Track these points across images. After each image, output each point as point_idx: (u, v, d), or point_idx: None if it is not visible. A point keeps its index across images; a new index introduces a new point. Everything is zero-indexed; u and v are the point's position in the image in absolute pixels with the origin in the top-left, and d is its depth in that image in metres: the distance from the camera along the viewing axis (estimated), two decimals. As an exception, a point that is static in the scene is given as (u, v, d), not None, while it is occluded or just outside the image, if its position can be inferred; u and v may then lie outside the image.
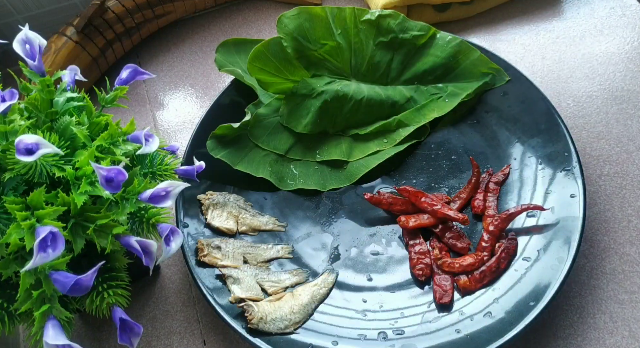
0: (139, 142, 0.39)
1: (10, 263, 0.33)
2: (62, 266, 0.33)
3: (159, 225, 0.37)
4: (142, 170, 0.41)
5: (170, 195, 0.36)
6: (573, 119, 0.56)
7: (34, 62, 0.38)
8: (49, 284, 0.33)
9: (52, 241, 0.31)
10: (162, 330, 0.49)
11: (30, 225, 0.31)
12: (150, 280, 0.52)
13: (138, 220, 0.38)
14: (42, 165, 0.34)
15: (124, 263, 0.39)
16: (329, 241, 0.51)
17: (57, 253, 0.31)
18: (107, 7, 0.64)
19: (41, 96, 0.38)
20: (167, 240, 0.36)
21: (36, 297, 0.33)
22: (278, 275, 0.48)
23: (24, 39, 0.38)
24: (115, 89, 0.42)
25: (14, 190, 0.35)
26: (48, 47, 0.61)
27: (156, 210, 0.38)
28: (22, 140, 0.32)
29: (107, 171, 0.33)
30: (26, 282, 0.32)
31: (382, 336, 0.44)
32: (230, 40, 0.59)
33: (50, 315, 0.34)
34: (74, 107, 0.39)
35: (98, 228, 0.35)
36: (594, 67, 0.60)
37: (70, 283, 0.32)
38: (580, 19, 0.64)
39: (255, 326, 0.43)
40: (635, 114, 0.56)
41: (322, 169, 0.54)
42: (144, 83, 0.68)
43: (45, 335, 0.32)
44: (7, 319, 0.35)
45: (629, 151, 0.53)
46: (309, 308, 0.46)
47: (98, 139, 0.37)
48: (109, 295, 0.37)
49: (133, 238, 0.35)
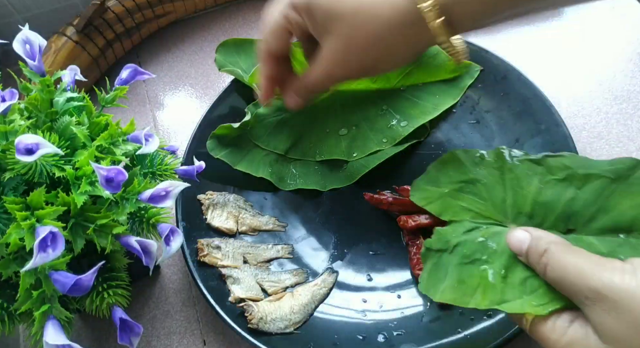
0: (139, 142, 0.39)
1: (10, 263, 0.33)
2: (62, 266, 0.33)
3: (158, 225, 0.37)
4: (142, 170, 0.41)
5: (171, 195, 0.36)
6: (573, 118, 0.56)
7: (34, 62, 0.38)
8: (49, 284, 0.33)
9: (52, 241, 0.31)
10: (162, 330, 0.49)
11: (30, 225, 0.31)
12: (150, 280, 0.52)
13: (138, 220, 0.38)
14: (42, 165, 0.34)
15: (123, 263, 0.39)
16: (329, 241, 0.51)
17: (57, 253, 0.31)
18: (107, 7, 0.64)
19: (41, 96, 0.38)
20: (167, 240, 0.37)
21: (36, 297, 0.33)
22: (278, 275, 0.48)
23: (24, 39, 0.38)
24: (115, 89, 0.42)
25: (14, 190, 0.35)
26: (48, 47, 0.61)
27: (156, 210, 0.38)
28: (22, 140, 0.32)
29: (107, 171, 0.33)
30: (26, 282, 0.33)
31: (382, 336, 0.44)
32: (230, 40, 0.59)
33: (50, 315, 0.34)
34: (74, 107, 0.39)
35: (98, 228, 0.35)
36: (594, 67, 0.60)
37: (70, 283, 0.32)
38: (580, 19, 0.64)
39: (255, 326, 0.43)
40: (635, 114, 0.56)
41: (322, 169, 0.54)
42: (144, 83, 0.67)
43: (45, 335, 0.32)
44: (7, 319, 0.35)
45: (629, 151, 0.53)
46: (309, 308, 0.46)
47: (98, 139, 0.37)
48: (109, 295, 0.37)
49: (133, 238, 0.35)
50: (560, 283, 0.31)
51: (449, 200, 0.41)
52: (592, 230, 0.37)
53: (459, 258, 0.38)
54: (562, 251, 0.31)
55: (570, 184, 0.38)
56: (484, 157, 0.42)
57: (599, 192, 0.37)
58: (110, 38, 0.65)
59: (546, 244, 0.32)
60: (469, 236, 0.39)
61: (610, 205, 0.37)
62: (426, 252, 0.39)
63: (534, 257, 0.33)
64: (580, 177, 0.38)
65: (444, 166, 0.43)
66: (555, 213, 0.38)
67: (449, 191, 0.41)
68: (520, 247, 0.34)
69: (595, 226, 0.37)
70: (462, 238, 0.39)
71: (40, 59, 0.38)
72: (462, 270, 0.38)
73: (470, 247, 0.38)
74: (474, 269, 0.37)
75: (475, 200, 0.40)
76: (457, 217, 0.40)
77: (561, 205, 0.38)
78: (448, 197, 0.41)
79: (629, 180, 0.37)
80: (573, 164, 0.39)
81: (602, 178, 0.38)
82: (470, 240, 0.39)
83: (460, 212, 0.40)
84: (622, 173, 0.37)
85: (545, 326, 0.31)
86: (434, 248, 0.39)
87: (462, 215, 0.40)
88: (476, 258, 0.38)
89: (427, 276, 0.39)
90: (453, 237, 0.39)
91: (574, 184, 0.38)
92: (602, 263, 0.29)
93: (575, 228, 0.37)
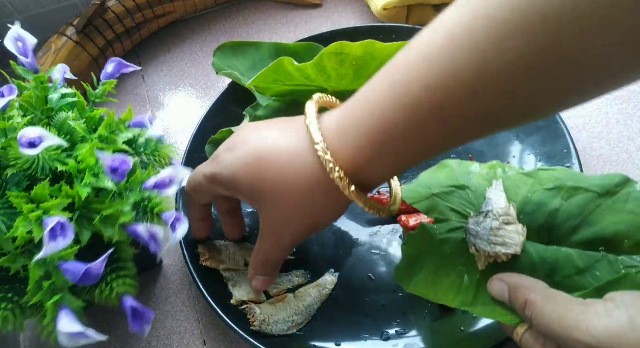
0: (142, 127, 0.40)
1: (17, 257, 0.34)
2: (70, 257, 0.33)
3: (163, 213, 0.38)
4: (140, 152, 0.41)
5: (175, 181, 0.37)
6: (573, 118, 0.56)
7: (27, 59, 0.38)
8: (58, 275, 0.34)
9: (61, 230, 0.31)
10: (162, 330, 0.49)
11: (37, 217, 0.32)
12: (151, 280, 0.52)
13: (142, 210, 0.38)
14: (44, 159, 0.34)
15: (130, 253, 0.39)
16: (329, 241, 0.51)
17: (67, 241, 0.31)
18: (107, 7, 0.64)
19: (36, 93, 0.38)
20: (172, 227, 0.37)
21: (47, 288, 0.34)
22: (280, 277, 0.48)
23: (16, 37, 0.38)
24: (103, 84, 0.42)
25: (17, 186, 0.35)
26: (48, 47, 0.61)
27: (159, 200, 0.38)
28: (24, 133, 0.32)
29: (112, 160, 0.34)
30: (36, 274, 0.33)
31: (384, 335, 0.44)
32: (228, 43, 0.58)
33: (62, 305, 0.34)
34: (67, 103, 0.40)
35: (104, 219, 0.35)
36: (594, 67, 0.60)
37: (81, 272, 0.32)
38: (580, 19, 0.64)
39: (258, 328, 0.43)
40: (635, 114, 0.56)
41: (322, 169, 0.54)
42: (144, 83, 0.67)
43: (60, 324, 0.33)
44: (19, 312, 0.36)
45: (629, 151, 0.53)
46: (311, 309, 0.46)
47: (100, 128, 0.38)
48: (118, 285, 0.37)
49: (139, 226, 0.36)
50: (548, 334, 0.31)
51: (437, 200, 0.41)
52: (573, 243, 0.37)
53: (438, 255, 0.39)
54: (542, 301, 0.31)
55: (557, 195, 0.39)
56: (477, 169, 0.43)
57: (584, 206, 0.37)
58: (110, 38, 0.65)
59: (524, 295, 0.32)
60: (452, 235, 0.39)
61: (593, 220, 0.37)
62: (408, 243, 0.40)
63: (517, 308, 0.33)
64: (568, 189, 0.39)
65: (436, 173, 0.43)
66: (539, 222, 0.38)
67: (438, 192, 0.42)
68: (503, 296, 0.35)
69: (576, 239, 0.37)
70: (445, 236, 0.39)
71: (33, 56, 0.39)
72: (439, 267, 0.38)
73: (452, 246, 0.39)
74: (451, 268, 0.38)
75: (463, 202, 0.41)
76: (443, 216, 0.40)
77: (545, 215, 0.38)
78: (436, 197, 0.41)
79: (615, 196, 0.37)
80: (564, 176, 0.39)
81: (589, 192, 0.38)
82: (453, 239, 0.39)
83: (447, 212, 0.41)
84: (610, 188, 0.37)
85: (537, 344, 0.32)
86: (417, 241, 0.40)
87: (448, 214, 0.41)
88: (455, 259, 0.38)
89: (404, 267, 0.40)
90: (437, 234, 0.40)
91: (561, 195, 0.39)
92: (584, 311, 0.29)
93: (556, 239, 0.38)
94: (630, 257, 0.35)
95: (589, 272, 0.35)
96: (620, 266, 0.35)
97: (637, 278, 0.34)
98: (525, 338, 0.33)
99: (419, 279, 0.39)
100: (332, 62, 0.48)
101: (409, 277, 0.39)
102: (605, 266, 0.35)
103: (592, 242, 0.36)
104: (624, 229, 0.36)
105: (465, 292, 0.37)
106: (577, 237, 0.37)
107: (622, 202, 0.37)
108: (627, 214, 0.36)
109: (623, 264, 0.35)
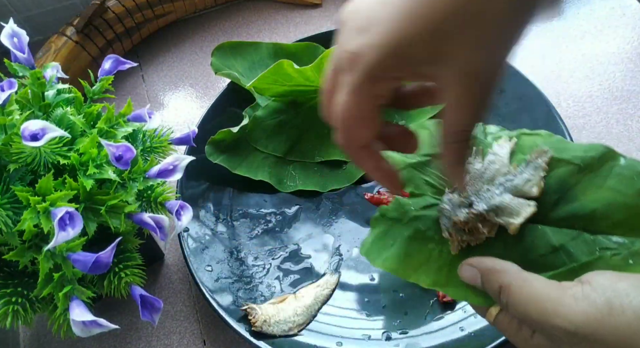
0: (141, 120, 0.40)
1: (25, 251, 0.34)
2: (78, 248, 0.34)
3: (167, 202, 0.38)
4: (138, 147, 0.42)
5: (178, 168, 0.37)
6: (573, 119, 0.56)
7: (24, 55, 0.38)
8: (68, 266, 0.34)
9: (69, 220, 0.32)
10: (162, 330, 0.49)
11: (45, 208, 0.32)
12: (151, 280, 0.52)
13: (146, 200, 0.38)
14: (47, 153, 0.35)
15: (136, 243, 0.40)
16: (330, 242, 0.51)
17: (76, 230, 0.31)
18: (107, 7, 0.64)
19: (33, 89, 0.38)
20: (177, 215, 0.37)
21: (57, 279, 0.34)
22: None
23: (11, 33, 0.39)
24: (100, 80, 0.42)
25: (21, 181, 0.35)
26: (48, 46, 0.61)
27: (162, 189, 0.38)
28: (27, 126, 0.32)
29: (117, 148, 0.34)
30: (45, 266, 0.33)
31: (386, 336, 0.44)
32: (227, 43, 0.58)
33: (73, 296, 0.34)
34: (64, 99, 0.40)
35: (109, 210, 0.35)
36: (594, 67, 0.60)
37: (91, 262, 0.32)
38: (580, 19, 0.64)
39: (259, 329, 0.43)
40: (635, 114, 0.56)
41: (321, 170, 0.54)
42: (144, 83, 0.67)
43: (73, 313, 0.33)
44: (29, 306, 0.36)
45: (629, 151, 0.53)
46: (312, 310, 0.46)
47: (99, 122, 0.38)
48: (126, 275, 0.37)
49: (145, 215, 0.36)
50: (525, 321, 0.30)
51: (413, 171, 0.39)
52: (550, 220, 0.34)
53: (411, 232, 0.36)
54: (518, 286, 0.30)
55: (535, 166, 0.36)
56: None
57: (564, 181, 0.35)
58: (110, 38, 0.65)
59: (498, 280, 0.31)
60: (427, 212, 0.37)
61: (572, 196, 0.34)
62: (379, 218, 0.38)
63: (492, 294, 0.32)
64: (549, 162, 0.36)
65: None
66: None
67: (416, 162, 0.39)
68: (475, 281, 0.33)
69: (554, 215, 0.34)
70: (420, 213, 0.37)
71: (29, 52, 0.39)
72: (412, 244, 0.36)
73: (426, 223, 0.37)
74: (424, 246, 0.36)
75: (439, 175, 0.38)
76: (419, 191, 0.38)
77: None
78: (413, 168, 0.39)
79: (596, 171, 0.34)
80: (546, 144, 0.36)
81: (570, 165, 0.35)
82: (428, 216, 0.37)
83: (423, 186, 0.38)
84: (592, 162, 0.34)
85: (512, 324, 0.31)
86: (389, 216, 0.37)
87: (424, 189, 0.38)
88: (429, 236, 0.36)
89: (372, 241, 0.37)
90: (411, 210, 0.37)
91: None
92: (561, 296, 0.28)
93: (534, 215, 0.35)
94: (607, 237, 0.33)
95: (563, 249, 0.33)
96: (596, 248, 0.33)
97: (611, 262, 0.32)
98: (499, 319, 0.32)
99: (390, 256, 0.36)
100: None
101: (379, 252, 0.36)
102: (580, 244, 0.33)
103: (570, 219, 0.34)
104: (603, 207, 0.33)
105: (438, 272, 0.35)
106: (556, 214, 0.34)
107: (603, 178, 0.34)
108: (607, 191, 0.33)
109: (599, 246, 0.33)
